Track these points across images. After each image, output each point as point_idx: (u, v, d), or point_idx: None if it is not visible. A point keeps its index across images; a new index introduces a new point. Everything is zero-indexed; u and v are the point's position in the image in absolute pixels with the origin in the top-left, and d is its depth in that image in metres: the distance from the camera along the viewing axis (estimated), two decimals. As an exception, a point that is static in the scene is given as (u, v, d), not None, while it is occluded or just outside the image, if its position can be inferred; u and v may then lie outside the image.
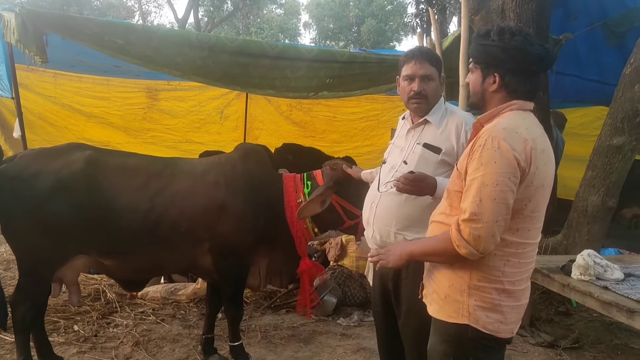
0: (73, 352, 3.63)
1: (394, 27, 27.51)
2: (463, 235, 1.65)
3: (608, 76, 5.38)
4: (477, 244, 1.63)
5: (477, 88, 1.82)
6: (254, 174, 3.42)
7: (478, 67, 1.81)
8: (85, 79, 6.26)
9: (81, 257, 3.18)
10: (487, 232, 1.62)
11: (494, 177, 1.62)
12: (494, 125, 1.71)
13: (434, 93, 2.36)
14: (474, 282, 1.73)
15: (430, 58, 2.38)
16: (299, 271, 3.47)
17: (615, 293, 3.15)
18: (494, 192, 1.62)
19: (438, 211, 1.93)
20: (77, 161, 3.15)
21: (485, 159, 1.64)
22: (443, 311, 1.81)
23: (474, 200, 1.63)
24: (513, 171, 1.63)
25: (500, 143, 1.63)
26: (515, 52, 1.73)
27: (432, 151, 2.31)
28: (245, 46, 4.22)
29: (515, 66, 1.75)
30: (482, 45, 1.79)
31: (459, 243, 1.66)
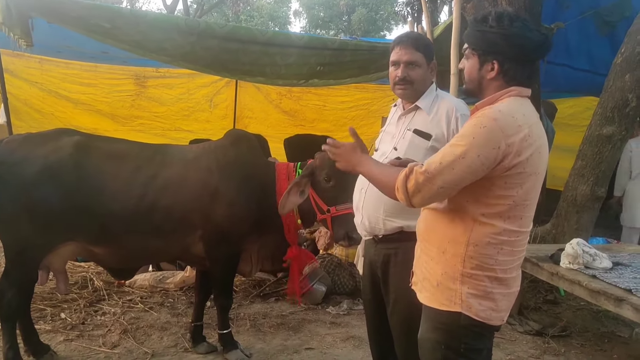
0: (60, 340, 3.60)
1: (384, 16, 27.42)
2: (408, 182, 1.68)
3: (599, 66, 5.40)
4: (413, 196, 1.68)
5: (473, 75, 1.78)
6: (246, 160, 3.40)
7: (475, 53, 1.77)
8: (72, 65, 6.16)
9: (69, 244, 3.14)
10: (428, 191, 1.66)
11: (464, 149, 1.61)
12: (490, 108, 1.69)
13: (420, 79, 2.33)
14: (467, 270, 1.72)
15: (416, 43, 2.33)
16: (286, 258, 3.46)
17: (603, 281, 3.17)
18: (456, 162, 1.62)
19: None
20: (66, 146, 3.10)
21: (466, 131, 1.65)
22: (435, 299, 1.80)
23: (436, 160, 1.65)
24: (486, 153, 1.60)
25: (490, 123, 1.61)
26: (515, 39, 1.70)
27: (423, 137, 2.29)
28: (235, 32, 4.17)
29: (515, 53, 1.72)
30: (481, 32, 1.75)
31: (399, 185, 1.70)
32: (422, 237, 1.91)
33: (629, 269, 3.38)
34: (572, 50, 5.65)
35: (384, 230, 2.32)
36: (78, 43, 4.85)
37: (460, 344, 1.76)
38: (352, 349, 3.65)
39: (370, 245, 2.45)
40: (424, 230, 1.89)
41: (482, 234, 1.70)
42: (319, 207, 3.15)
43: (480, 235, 1.70)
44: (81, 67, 6.19)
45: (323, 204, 3.12)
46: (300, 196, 3.10)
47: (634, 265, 3.49)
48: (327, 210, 3.10)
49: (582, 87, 6.21)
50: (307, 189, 3.13)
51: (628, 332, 4.05)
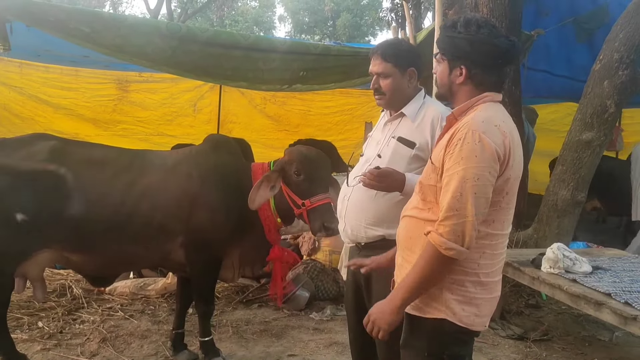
0: (37, 349, 3.52)
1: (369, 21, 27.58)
2: (445, 236, 1.60)
3: (578, 72, 5.47)
4: (462, 240, 1.59)
5: (444, 80, 1.81)
6: (226, 165, 3.38)
7: (445, 58, 1.79)
8: (52, 69, 6.09)
9: (46, 251, 3.08)
10: (470, 226, 1.59)
11: (475, 171, 1.59)
12: (472, 118, 1.68)
13: (391, 89, 2.31)
14: (451, 275, 1.71)
15: (384, 54, 2.32)
16: (269, 259, 3.45)
17: (584, 286, 3.20)
18: (475, 187, 1.59)
19: (410, 206, 1.90)
20: (41, 152, 3.05)
21: (465, 153, 1.61)
22: (418, 307, 1.77)
23: (454, 195, 1.60)
24: (494, 165, 1.61)
25: (481, 136, 1.61)
26: (482, 45, 1.71)
27: (406, 145, 2.28)
28: (217, 37, 4.15)
29: (482, 59, 1.74)
30: (449, 37, 1.77)
31: (445, 246, 1.59)
32: (403, 245, 1.89)
33: (609, 273, 3.41)
34: (552, 57, 5.73)
35: (365, 238, 2.32)
36: (58, 47, 4.79)
37: (443, 351, 1.75)
38: (335, 355, 3.64)
39: (354, 252, 2.45)
40: (405, 238, 1.88)
41: None
42: (294, 202, 3.17)
43: None
44: (62, 71, 6.12)
45: (297, 198, 3.13)
46: (271, 190, 3.11)
47: (614, 269, 3.53)
48: (302, 204, 3.12)
49: (562, 93, 6.30)
50: (277, 184, 3.15)
51: (608, 335, 4.08)
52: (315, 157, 3.30)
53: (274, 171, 3.17)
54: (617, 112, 4.51)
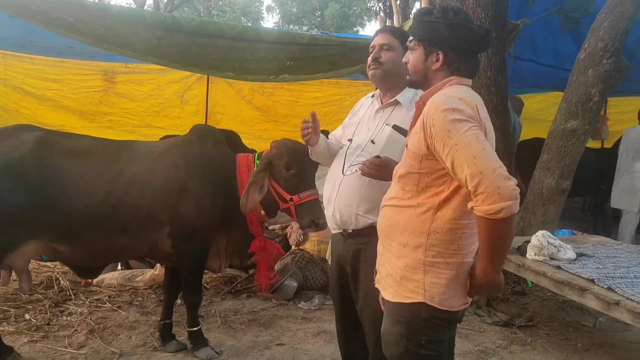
0: (24, 341, 3.51)
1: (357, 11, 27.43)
2: (487, 202, 1.53)
3: (563, 61, 5.51)
4: (503, 195, 1.52)
5: (419, 66, 1.83)
6: (212, 155, 3.38)
7: (421, 44, 1.81)
8: (37, 61, 6.01)
9: (32, 242, 3.06)
10: (501, 177, 1.53)
11: (469, 133, 1.58)
12: (434, 100, 1.70)
13: (391, 62, 2.33)
14: (429, 259, 1.73)
15: (392, 30, 2.41)
16: (251, 251, 3.45)
17: (568, 272, 3.24)
18: (479, 143, 1.57)
19: (388, 196, 1.91)
20: (26, 142, 3.03)
21: (449, 126, 1.60)
22: (398, 293, 1.80)
23: (469, 162, 1.55)
24: (477, 123, 1.63)
25: (452, 108, 1.62)
26: (460, 30, 1.76)
27: (401, 134, 2.29)
28: (203, 27, 4.12)
29: (459, 44, 1.77)
30: (427, 22, 1.79)
31: (493, 210, 1.52)
32: (383, 234, 1.91)
33: (592, 260, 3.46)
34: (538, 46, 5.75)
35: (355, 225, 2.31)
36: (42, 38, 4.72)
37: (421, 336, 1.77)
38: (323, 344, 3.66)
39: (339, 240, 2.44)
40: (385, 227, 1.89)
41: (443, 221, 1.72)
42: (281, 196, 3.15)
43: (441, 223, 1.72)
44: (46, 62, 6.04)
45: (285, 193, 3.11)
46: (260, 192, 3.07)
47: (597, 256, 3.58)
48: (290, 199, 3.10)
49: (548, 83, 6.33)
50: (265, 183, 3.10)
51: (592, 321, 4.15)
52: (305, 152, 3.30)
53: (259, 171, 3.10)
54: (602, 101, 4.55)
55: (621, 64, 4.35)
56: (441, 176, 1.72)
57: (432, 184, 1.74)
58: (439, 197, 1.72)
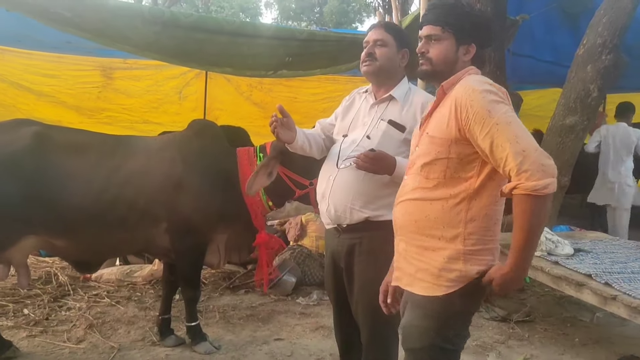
0: (23, 336, 3.52)
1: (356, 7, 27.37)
2: (532, 179, 1.53)
3: (562, 57, 5.48)
4: (548, 172, 1.55)
5: (450, 56, 1.80)
6: (210, 150, 3.38)
7: (454, 35, 1.80)
8: (34, 56, 5.97)
9: (30, 237, 3.06)
10: (542, 155, 1.57)
11: (509, 114, 1.62)
12: (464, 83, 1.72)
13: (385, 57, 2.33)
14: (469, 247, 1.71)
15: (387, 26, 2.40)
16: (256, 244, 3.45)
17: (565, 267, 3.26)
18: (518, 124, 1.61)
19: (407, 189, 1.86)
20: (24, 137, 3.03)
21: (488, 106, 1.62)
22: (437, 285, 1.75)
23: (511, 141, 1.56)
24: (511, 106, 1.67)
25: (488, 89, 1.66)
26: (487, 24, 1.87)
27: (397, 129, 2.29)
28: (201, 22, 4.10)
29: (486, 38, 1.86)
30: (467, 14, 1.81)
31: (540, 186, 1.52)
32: (407, 230, 1.85)
33: (590, 255, 3.48)
34: (537, 42, 5.74)
35: (349, 219, 2.31)
36: (40, 33, 4.69)
37: (450, 330, 1.77)
38: (321, 339, 3.67)
39: (333, 235, 2.44)
40: (409, 222, 1.83)
41: (479, 207, 1.72)
42: (298, 183, 3.15)
43: (477, 210, 1.72)
44: (44, 57, 6.00)
45: (302, 179, 3.11)
46: (269, 177, 3.02)
47: (595, 251, 3.60)
48: (309, 183, 3.10)
49: (547, 79, 6.32)
50: (275, 170, 3.04)
51: (589, 316, 4.17)
52: None
53: (271, 157, 3.05)
54: (601, 97, 4.54)
55: (620, 60, 4.34)
56: (471, 161, 1.71)
57: (461, 169, 1.73)
58: (473, 184, 1.71)
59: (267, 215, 3.61)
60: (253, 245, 3.50)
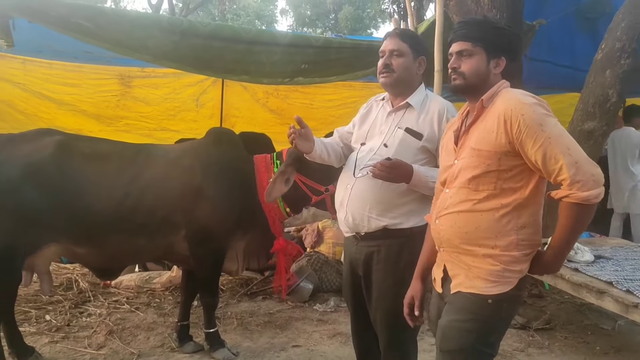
0: (45, 341, 3.58)
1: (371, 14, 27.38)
2: (585, 189, 1.63)
3: (580, 62, 5.43)
4: (598, 181, 1.65)
5: (481, 69, 1.86)
6: (228, 158, 3.41)
7: (484, 49, 1.86)
8: (55, 66, 6.08)
9: (53, 244, 3.12)
10: (593, 166, 1.66)
11: (558, 127, 1.70)
12: (510, 98, 1.78)
13: (401, 68, 2.33)
14: (522, 251, 1.79)
15: (402, 35, 2.38)
16: (274, 250, 3.47)
17: (585, 275, 3.22)
18: (569, 137, 1.69)
19: (455, 201, 1.87)
20: (47, 146, 3.10)
21: (540, 119, 1.69)
22: (502, 282, 1.78)
23: (564, 153, 1.65)
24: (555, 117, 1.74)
25: (537, 103, 1.73)
26: (516, 38, 1.94)
27: (414, 136, 2.30)
28: (219, 30, 4.15)
29: (515, 51, 1.93)
30: (496, 29, 1.89)
31: (593, 195, 1.63)
32: (455, 242, 1.87)
33: (611, 262, 3.43)
34: (554, 47, 5.69)
35: (367, 228, 2.32)
36: (60, 43, 4.79)
37: (493, 335, 1.84)
38: (339, 346, 3.67)
39: (351, 243, 2.45)
40: (460, 234, 1.85)
41: (527, 215, 1.78)
42: (314, 189, 3.18)
43: (526, 218, 1.78)
44: (64, 67, 6.11)
45: (318, 185, 3.14)
46: (286, 184, 3.07)
47: (616, 258, 3.55)
48: (325, 189, 3.13)
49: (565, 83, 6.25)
50: (292, 176, 3.09)
51: (611, 324, 4.10)
52: None
53: (288, 164, 3.11)
54: (620, 102, 4.50)
55: (639, 65, 4.30)
56: (520, 172, 1.78)
57: (511, 180, 1.79)
58: (523, 194, 1.78)
59: (284, 222, 3.63)
60: (271, 251, 3.52)
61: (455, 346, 1.83)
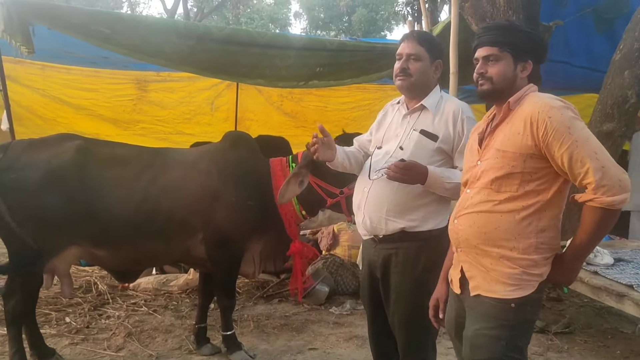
0: (65, 343, 3.62)
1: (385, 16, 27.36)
2: (610, 194, 1.63)
3: (598, 63, 5.38)
4: (625, 187, 1.65)
5: (508, 74, 1.87)
6: (245, 161, 3.44)
7: (510, 54, 1.86)
8: (73, 71, 6.17)
9: (73, 247, 3.17)
10: (620, 172, 1.66)
11: (585, 131, 1.69)
12: (538, 101, 1.78)
13: (418, 72, 2.34)
14: (541, 255, 1.79)
15: (419, 38, 2.38)
16: (290, 253, 3.49)
17: (605, 278, 3.18)
18: (596, 141, 1.69)
19: (475, 201, 1.88)
20: (67, 151, 3.14)
21: (567, 123, 1.69)
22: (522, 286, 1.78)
23: (591, 157, 1.65)
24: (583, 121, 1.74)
25: (564, 107, 1.73)
26: (542, 42, 1.94)
27: (429, 138, 2.31)
28: (234, 35, 4.18)
29: (541, 54, 1.92)
30: (522, 33, 1.89)
31: (618, 200, 1.64)
32: (473, 242, 1.87)
33: (631, 265, 3.39)
34: (571, 48, 5.64)
35: (385, 230, 2.33)
36: (78, 49, 4.86)
37: (521, 340, 1.83)
38: (355, 349, 3.67)
39: (370, 245, 2.46)
40: (479, 235, 1.86)
41: (548, 218, 1.79)
42: (329, 192, 3.19)
43: (546, 221, 1.79)
44: (82, 72, 6.19)
45: (333, 187, 3.15)
46: (300, 186, 3.08)
47: (636, 261, 3.50)
48: (340, 192, 3.15)
49: (582, 84, 6.19)
50: (306, 179, 3.11)
51: (631, 328, 4.06)
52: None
53: (302, 166, 3.13)
54: (639, 103, 4.44)
55: (658, 65, 4.25)
56: (544, 175, 1.78)
57: (535, 182, 1.79)
58: (544, 196, 1.78)
59: (300, 225, 3.65)
60: (287, 254, 3.54)
61: (485, 355, 1.82)
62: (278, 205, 3.35)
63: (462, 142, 2.27)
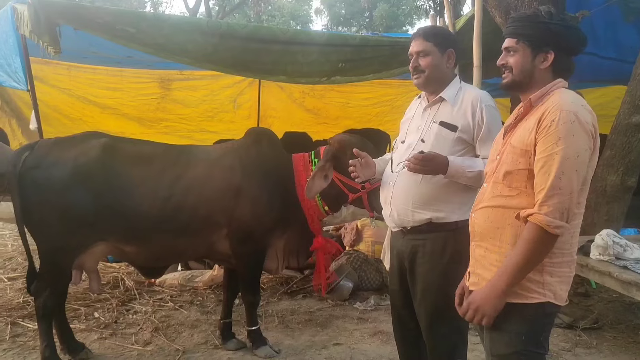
0: (94, 338, 3.70)
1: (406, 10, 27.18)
2: (550, 215, 1.63)
3: (626, 53, 5.26)
4: (567, 217, 1.65)
5: (526, 65, 1.83)
6: (268, 157, 3.46)
7: (528, 45, 1.82)
8: (98, 71, 6.26)
9: (101, 243, 3.23)
10: (571, 202, 1.65)
11: (575, 149, 1.65)
12: (559, 100, 1.72)
13: (430, 66, 2.36)
14: (549, 259, 1.74)
15: (425, 34, 2.40)
16: (313, 248, 3.50)
17: (635, 272, 3.12)
18: (576, 164, 1.65)
19: (488, 196, 1.88)
20: (94, 148, 3.20)
21: (563, 133, 1.65)
22: (521, 294, 1.76)
23: (557, 174, 1.63)
24: (589, 143, 1.68)
25: (576, 115, 1.66)
26: (574, 32, 1.83)
27: (449, 129, 2.32)
28: (256, 32, 4.21)
29: (571, 45, 1.83)
30: (542, 23, 1.82)
31: (553, 224, 1.63)
32: (487, 236, 1.87)
33: (662, 260, 3.31)
34: (599, 39, 5.52)
35: (412, 222, 2.35)
36: (103, 48, 4.94)
37: (541, 334, 1.79)
38: (380, 344, 3.67)
39: (398, 237, 2.49)
40: (489, 229, 1.86)
41: None
42: (351, 187, 3.18)
43: None
44: (107, 72, 6.28)
45: (354, 183, 3.15)
46: (325, 180, 3.14)
47: (667, 255, 3.41)
48: (361, 187, 3.14)
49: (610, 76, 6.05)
50: (330, 173, 3.17)
51: (662, 324, 3.97)
52: (365, 143, 3.33)
53: (326, 160, 3.18)
54: (669, 94, 4.33)
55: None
56: None
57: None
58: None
59: (323, 220, 3.65)
60: (310, 249, 3.55)
61: (505, 349, 1.81)
62: (301, 201, 3.37)
63: (482, 130, 2.28)
